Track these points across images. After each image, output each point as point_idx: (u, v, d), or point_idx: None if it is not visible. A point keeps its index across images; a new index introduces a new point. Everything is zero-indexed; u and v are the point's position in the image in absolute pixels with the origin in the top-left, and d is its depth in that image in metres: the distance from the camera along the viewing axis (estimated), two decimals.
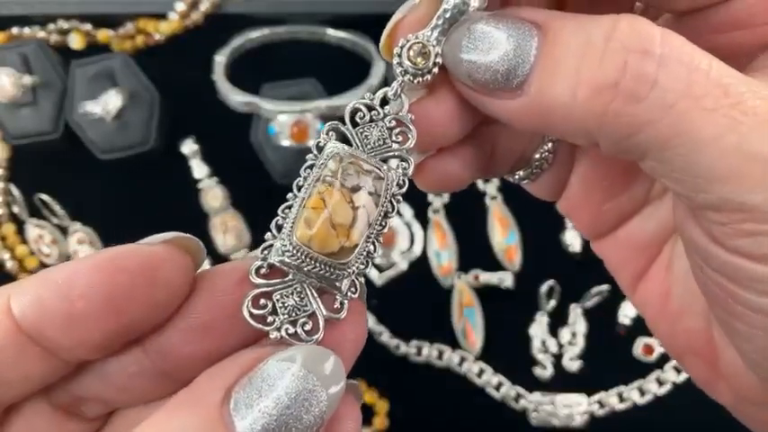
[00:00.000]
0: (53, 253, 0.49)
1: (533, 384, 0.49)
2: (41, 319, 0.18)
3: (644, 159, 0.17)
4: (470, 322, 0.50)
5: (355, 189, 0.20)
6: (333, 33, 0.53)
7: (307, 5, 0.52)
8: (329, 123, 0.21)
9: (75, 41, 0.52)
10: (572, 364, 0.49)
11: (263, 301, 0.20)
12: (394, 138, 0.21)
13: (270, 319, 0.20)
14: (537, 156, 0.24)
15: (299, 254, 0.19)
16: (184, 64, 0.53)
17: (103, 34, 0.52)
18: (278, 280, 0.20)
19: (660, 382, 0.49)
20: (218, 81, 0.50)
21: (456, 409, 0.50)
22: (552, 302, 0.50)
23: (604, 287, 0.50)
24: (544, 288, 0.50)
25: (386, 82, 0.50)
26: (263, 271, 0.20)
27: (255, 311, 0.20)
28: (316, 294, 0.20)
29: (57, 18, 0.51)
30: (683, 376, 0.49)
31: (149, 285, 0.19)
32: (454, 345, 0.50)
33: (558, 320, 0.50)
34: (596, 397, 0.49)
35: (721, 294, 0.19)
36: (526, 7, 0.19)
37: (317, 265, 0.19)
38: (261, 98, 0.49)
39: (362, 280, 0.20)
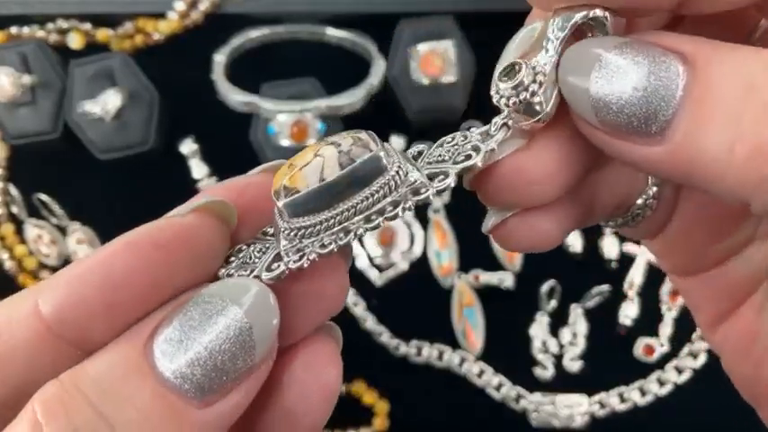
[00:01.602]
0: (52, 253, 0.49)
1: (534, 385, 0.49)
2: (78, 316, 0.17)
3: None
4: (470, 322, 0.50)
5: (330, 143, 0.18)
6: (333, 33, 0.53)
7: (306, 5, 0.52)
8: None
9: (75, 41, 0.51)
10: (573, 364, 0.49)
11: (243, 251, 0.20)
12: (457, 158, 0.19)
13: (231, 260, 0.19)
14: (639, 202, 0.22)
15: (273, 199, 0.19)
16: (184, 63, 0.53)
17: (103, 34, 0.52)
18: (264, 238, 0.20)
19: (661, 383, 0.49)
20: (217, 81, 0.50)
21: (456, 410, 0.50)
22: (553, 303, 0.50)
23: (605, 287, 0.50)
24: (545, 288, 0.50)
25: (386, 82, 0.50)
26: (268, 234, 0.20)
27: (231, 258, 0.20)
28: (271, 256, 0.19)
29: (56, 17, 0.51)
30: (684, 377, 0.49)
31: (189, 259, 0.18)
32: (454, 345, 0.50)
33: (558, 321, 0.50)
34: (597, 397, 0.49)
35: None
36: (668, 33, 0.16)
37: (277, 207, 0.18)
38: (260, 98, 0.49)
39: (314, 257, 0.18)
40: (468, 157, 0.18)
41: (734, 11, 0.17)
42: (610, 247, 0.50)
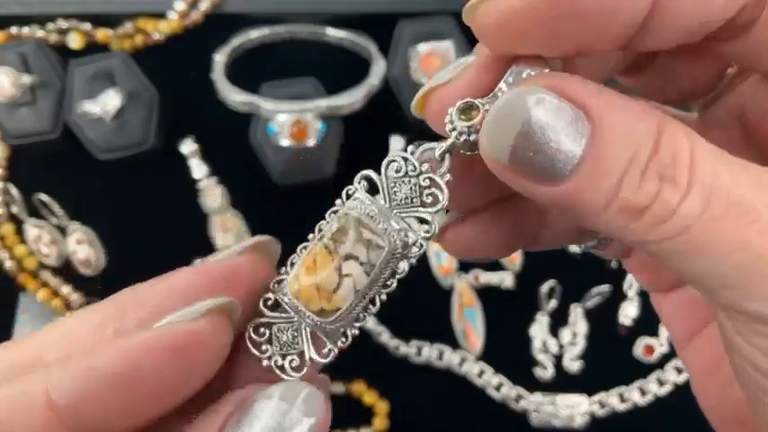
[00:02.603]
0: (52, 253, 0.49)
1: (534, 385, 0.49)
2: (95, 413, 0.17)
3: (663, 264, 0.18)
4: (471, 323, 0.50)
5: (348, 257, 0.20)
6: (333, 33, 0.53)
7: (306, 5, 0.52)
8: (362, 172, 0.21)
9: (74, 41, 0.51)
10: (573, 364, 0.49)
11: (263, 329, 0.21)
12: (424, 198, 0.20)
13: (264, 347, 0.21)
14: None
15: (294, 301, 0.21)
16: (184, 63, 0.53)
17: (102, 34, 0.52)
18: (281, 315, 0.22)
19: (661, 383, 0.49)
20: (217, 80, 0.50)
21: (456, 410, 0.50)
22: (553, 303, 0.50)
23: (605, 287, 0.50)
24: (545, 288, 0.50)
25: (386, 82, 0.50)
26: (269, 303, 0.22)
27: (255, 338, 0.21)
28: (308, 336, 0.21)
29: (56, 17, 0.51)
30: (683, 376, 0.49)
31: (204, 363, 0.19)
32: (454, 345, 0.50)
33: (558, 321, 0.50)
34: (597, 397, 0.49)
35: (748, 379, 0.19)
36: (580, 81, 0.17)
37: (307, 315, 0.21)
38: (260, 98, 0.49)
39: (355, 332, 0.21)
40: (433, 197, 0.20)
41: (703, 57, 0.20)
42: None
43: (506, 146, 0.17)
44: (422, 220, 0.20)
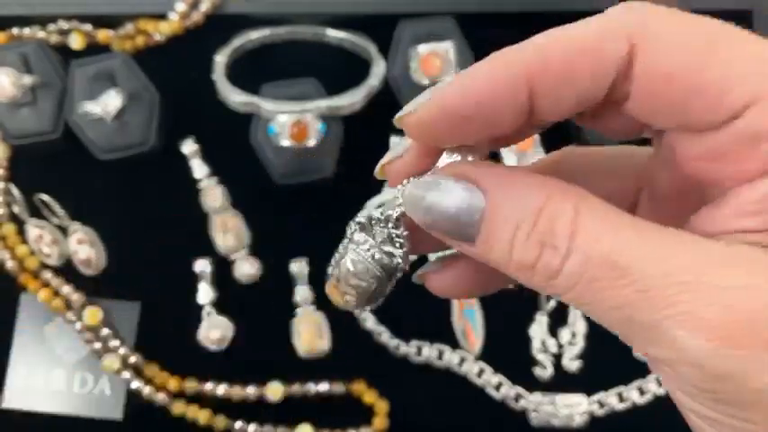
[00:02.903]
0: (53, 253, 0.49)
1: (533, 384, 0.49)
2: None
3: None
4: (470, 322, 0.50)
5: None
6: (333, 34, 0.53)
7: (307, 6, 0.52)
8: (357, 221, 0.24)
9: (76, 41, 0.52)
10: (572, 364, 0.49)
11: None
12: (395, 242, 0.23)
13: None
14: None
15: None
16: (184, 64, 0.53)
17: (103, 34, 0.52)
18: None
19: (660, 382, 0.49)
20: (218, 81, 0.50)
21: (456, 410, 0.50)
22: (552, 303, 0.50)
23: None
24: None
25: (386, 83, 0.50)
26: None
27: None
28: None
29: (57, 18, 0.51)
30: None
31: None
32: (454, 345, 0.50)
33: (557, 320, 0.50)
34: (596, 397, 0.49)
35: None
36: (477, 165, 0.22)
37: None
38: (261, 98, 0.49)
39: None
40: (400, 244, 0.23)
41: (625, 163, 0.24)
42: None
43: (420, 219, 0.22)
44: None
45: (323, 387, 0.49)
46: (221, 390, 0.48)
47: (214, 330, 0.49)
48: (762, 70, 0.19)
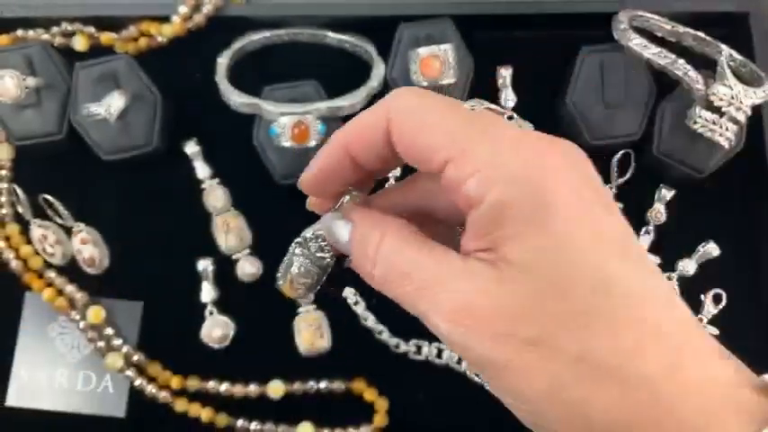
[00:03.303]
0: (57, 253, 0.50)
1: None
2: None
3: None
4: None
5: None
6: (333, 36, 0.53)
7: (307, 8, 0.53)
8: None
9: (79, 43, 0.52)
10: None
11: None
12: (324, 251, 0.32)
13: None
14: None
15: None
16: (187, 66, 0.54)
17: (107, 36, 0.52)
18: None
19: None
20: (220, 83, 0.50)
21: (456, 407, 0.50)
22: None
23: None
24: None
25: (386, 84, 0.51)
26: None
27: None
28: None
29: (61, 21, 0.52)
30: None
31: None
32: None
33: None
34: None
35: None
36: (353, 207, 0.31)
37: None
38: (262, 100, 0.50)
39: None
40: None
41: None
42: None
43: (329, 239, 0.31)
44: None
45: (323, 385, 0.49)
46: (223, 388, 0.49)
47: (216, 329, 0.49)
48: (452, 139, 0.27)
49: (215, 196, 0.51)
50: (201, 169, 0.52)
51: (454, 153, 0.27)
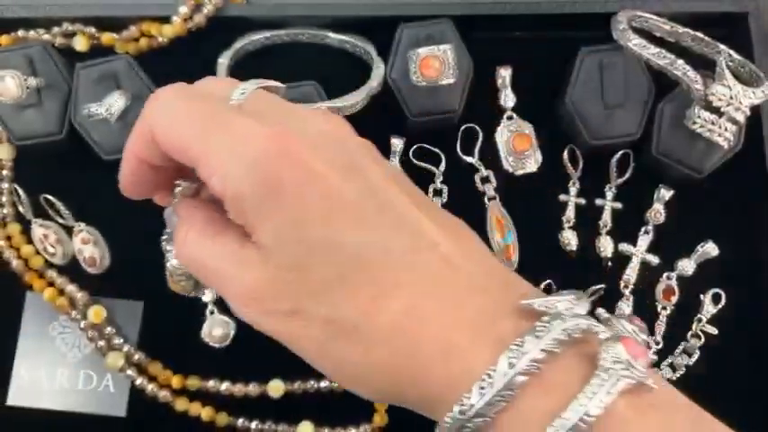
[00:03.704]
0: (58, 252, 0.50)
1: None
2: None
3: None
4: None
5: None
6: (334, 36, 0.53)
7: (308, 9, 0.53)
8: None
9: (80, 44, 0.52)
10: None
11: None
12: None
13: None
14: None
15: None
16: (187, 66, 0.54)
17: (107, 37, 0.52)
18: None
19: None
20: None
21: None
22: None
23: (600, 286, 0.51)
24: (541, 287, 0.50)
25: (386, 85, 0.51)
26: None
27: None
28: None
29: (61, 21, 0.52)
30: (678, 374, 0.50)
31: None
32: None
33: None
34: None
35: None
36: (179, 201, 0.34)
37: None
38: None
39: None
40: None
41: None
42: (605, 246, 0.51)
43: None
44: None
45: (324, 384, 0.49)
46: (223, 387, 0.49)
47: (217, 328, 0.49)
48: (194, 141, 0.30)
49: None
50: None
51: (197, 154, 0.29)
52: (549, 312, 0.28)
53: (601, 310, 0.33)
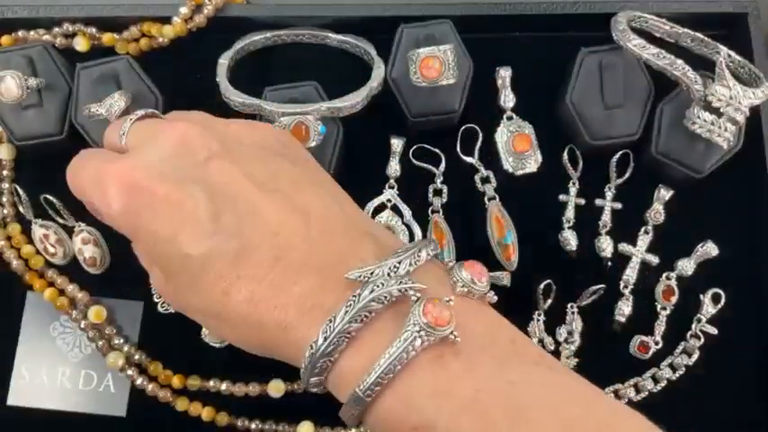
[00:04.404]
0: (58, 252, 0.50)
1: None
2: None
3: None
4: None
5: None
6: (334, 36, 0.53)
7: (308, 9, 0.53)
8: None
9: (80, 44, 0.52)
10: (568, 362, 0.50)
11: None
12: None
13: None
14: None
15: None
16: (188, 66, 0.54)
17: (108, 37, 0.53)
18: None
19: (655, 380, 0.50)
20: (220, 83, 0.51)
21: None
22: (549, 301, 0.51)
23: (600, 286, 0.51)
24: (541, 287, 0.50)
25: (386, 85, 0.51)
26: None
27: None
28: None
29: (62, 21, 0.52)
30: (678, 374, 0.50)
31: None
32: None
33: (554, 319, 0.51)
34: None
35: None
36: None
37: None
38: (263, 100, 0.50)
39: None
40: None
41: None
42: (605, 246, 0.51)
43: None
44: None
45: None
46: (224, 387, 0.49)
47: None
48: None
49: None
50: None
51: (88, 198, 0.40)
52: (368, 279, 0.32)
53: (447, 260, 0.37)
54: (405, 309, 0.32)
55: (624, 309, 0.50)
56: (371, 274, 0.32)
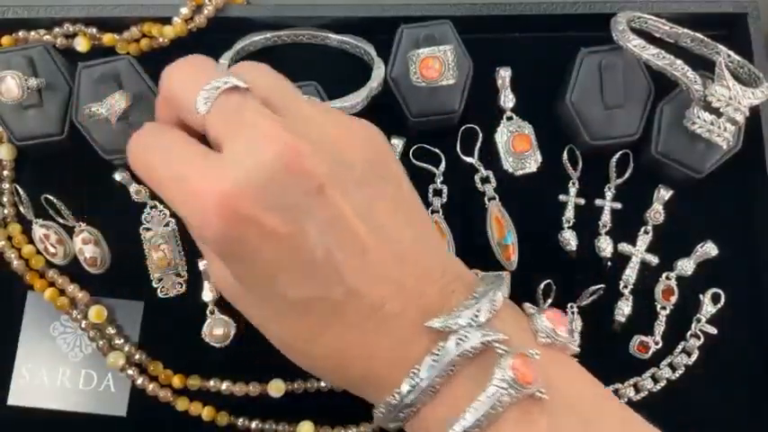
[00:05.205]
0: (59, 252, 0.50)
1: None
2: None
3: None
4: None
5: None
6: (334, 37, 0.53)
7: (308, 9, 0.53)
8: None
9: (81, 44, 0.52)
10: None
11: None
12: None
13: None
14: None
15: None
16: None
17: (109, 37, 0.53)
18: None
19: (655, 380, 0.50)
20: None
21: None
22: (549, 301, 0.51)
23: (600, 286, 0.51)
24: (541, 287, 0.50)
25: (386, 85, 0.51)
26: None
27: None
28: None
29: (63, 22, 0.52)
30: (678, 374, 0.50)
31: None
32: None
33: None
34: None
35: None
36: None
37: None
38: None
39: None
40: None
41: None
42: (605, 246, 0.51)
43: None
44: None
45: (324, 384, 0.49)
46: (224, 387, 0.49)
47: (217, 328, 0.49)
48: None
49: None
50: None
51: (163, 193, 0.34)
52: (451, 329, 0.32)
53: (527, 305, 0.37)
54: (486, 357, 0.32)
55: (624, 309, 0.50)
56: (454, 323, 0.32)
